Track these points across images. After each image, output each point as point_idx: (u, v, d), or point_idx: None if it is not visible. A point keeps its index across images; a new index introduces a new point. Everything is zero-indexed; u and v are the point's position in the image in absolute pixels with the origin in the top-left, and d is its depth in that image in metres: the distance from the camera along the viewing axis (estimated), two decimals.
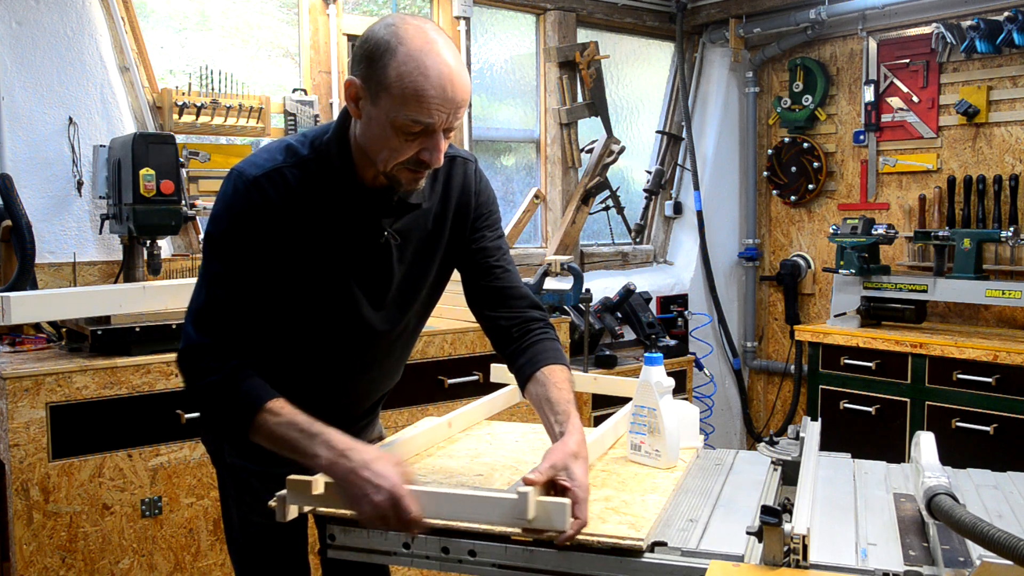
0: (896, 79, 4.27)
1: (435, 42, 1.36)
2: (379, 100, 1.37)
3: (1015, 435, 3.38)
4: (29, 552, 2.27)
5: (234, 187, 1.45)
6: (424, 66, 1.34)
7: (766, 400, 5.02)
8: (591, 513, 1.41)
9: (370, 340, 1.62)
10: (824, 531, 1.40)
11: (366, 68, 1.38)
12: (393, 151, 1.40)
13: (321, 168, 1.48)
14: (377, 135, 1.41)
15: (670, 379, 1.70)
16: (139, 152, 2.67)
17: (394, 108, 1.36)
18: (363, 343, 1.62)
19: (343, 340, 1.59)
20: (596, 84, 4.34)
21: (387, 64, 1.34)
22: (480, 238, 1.66)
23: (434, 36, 1.37)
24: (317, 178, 1.47)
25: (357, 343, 1.61)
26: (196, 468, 2.52)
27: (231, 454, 1.68)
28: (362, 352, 1.64)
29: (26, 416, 2.26)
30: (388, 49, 1.35)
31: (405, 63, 1.34)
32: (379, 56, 1.35)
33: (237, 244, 1.45)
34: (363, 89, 1.39)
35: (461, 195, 1.63)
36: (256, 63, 3.55)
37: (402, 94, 1.35)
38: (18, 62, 2.89)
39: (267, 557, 1.71)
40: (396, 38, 1.35)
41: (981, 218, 3.99)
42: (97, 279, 3.01)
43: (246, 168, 1.46)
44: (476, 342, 3.14)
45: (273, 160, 1.46)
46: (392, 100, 1.36)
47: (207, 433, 1.78)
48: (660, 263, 4.87)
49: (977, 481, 1.70)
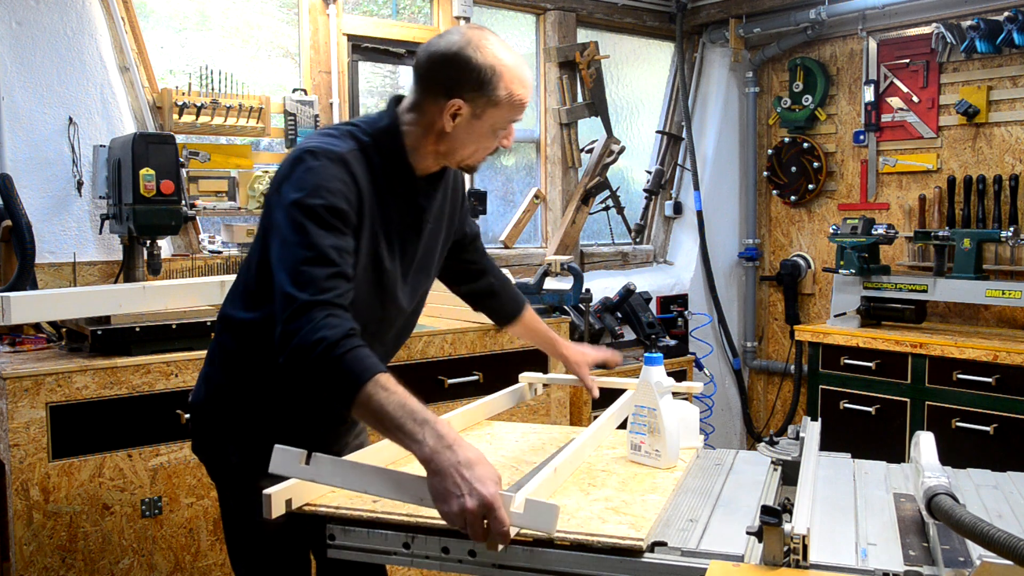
0: (896, 79, 4.27)
1: (517, 56, 1.62)
2: (485, 114, 1.60)
3: (1015, 435, 3.38)
4: (29, 552, 2.27)
5: (323, 161, 1.51)
6: (522, 80, 1.61)
7: (766, 400, 5.02)
8: (591, 513, 1.42)
9: (395, 315, 1.72)
10: (824, 531, 1.40)
11: (475, 92, 1.58)
12: (484, 149, 1.66)
13: (379, 153, 1.61)
14: (472, 140, 1.63)
15: (670, 379, 1.70)
16: (139, 152, 2.67)
17: (502, 118, 1.61)
18: (390, 318, 1.71)
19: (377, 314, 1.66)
20: (596, 84, 4.34)
21: (497, 85, 1.57)
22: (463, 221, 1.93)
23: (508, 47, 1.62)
24: (375, 162, 1.60)
25: (386, 318, 1.70)
26: (196, 468, 2.52)
27: (236, 454, 1.68)
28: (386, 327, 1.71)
29: (26, 416, 2.26)
30: (494, 73, 1.57)
31: (512, 82, 1.59)
32: (489, 79, 1.57)
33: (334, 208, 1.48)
34: (468, 110, 1.59)
35: (454, 182, 1.83)
36: (256, 63, 3.55)
37: (511, 105, 1.60)
38: (18, 62, 2.89)
39: (270, 558, 1.71)
40: (499, 63, 1.58)
41: (981, 218, 3.99)
42: (97, 279, 3.01)
43: (328, 148, 1.54)
44: (476, 342, 3.14)
45: (348, 144, 1.58)
46: (502, 111, 1.60)
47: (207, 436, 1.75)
48: (660, 263, 4.87)
49: (977, 481, 1.70)
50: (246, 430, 1.68)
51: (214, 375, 1.73)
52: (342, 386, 1.36)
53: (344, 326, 1.39)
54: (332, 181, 1.50)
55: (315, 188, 1.48)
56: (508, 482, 1.58)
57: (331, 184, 1.49)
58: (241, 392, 1.69)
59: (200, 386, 1.76)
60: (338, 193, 1.49)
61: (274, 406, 1.68)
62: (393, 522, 1.42)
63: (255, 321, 1.62)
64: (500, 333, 3.22)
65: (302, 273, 1.42)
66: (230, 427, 1.70)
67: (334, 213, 1.48)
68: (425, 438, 1.31)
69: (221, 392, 1.71)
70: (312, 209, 1.46)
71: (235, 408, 1.70)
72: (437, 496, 1.29)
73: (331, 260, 1.44)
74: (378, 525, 1.42)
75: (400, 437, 1.34)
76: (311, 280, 1.42)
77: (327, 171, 1.50)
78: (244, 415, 1.69)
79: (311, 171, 1.50)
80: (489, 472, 1.29)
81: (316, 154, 1.52)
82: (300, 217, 1.46)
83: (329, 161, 1.51)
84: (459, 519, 1.27)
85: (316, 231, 1.45)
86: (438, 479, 1.29)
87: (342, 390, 1.36)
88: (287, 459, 1.39)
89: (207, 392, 1.74)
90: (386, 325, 1.71)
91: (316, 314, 1.39)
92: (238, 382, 1.69)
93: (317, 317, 1.38)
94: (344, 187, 1.51)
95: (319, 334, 1.37)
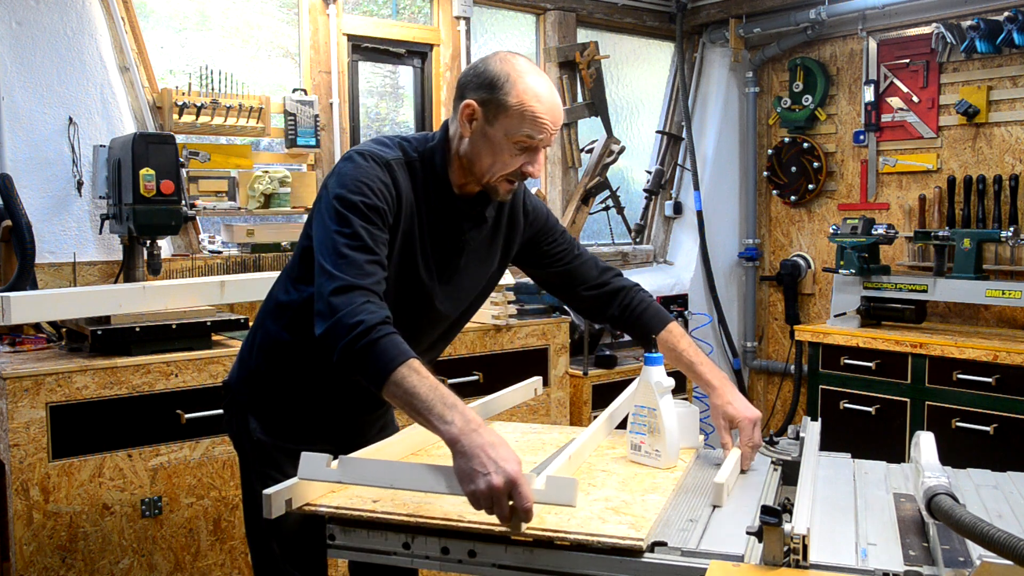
0: (896, 79, 4.27)
1: (541, 74, 1.66)
2: (497, 120, 1.63)
3: (1015, 435, 3.38)
4: (29, 552, 2.27)
5: (370, 163, 1.63)
6: (539, 94, 1.63)
7: (766, 400, 5.02)
8: (591, 513, 1.42)
9: (429, 324, 1.80)
10: (824, 531, 1.40)
11: (486, 93, 1.63)
12: (502, 164, 1.66)
13: (424, 170, 1.70)
14: (488, 150, 1.65)
15: (670, 379, 1.70)
16: (139, 152, 2.68)
17: (513, 127, 1.62)
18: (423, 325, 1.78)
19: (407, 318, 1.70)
20: (596, 84, 4.34)
21: (509, 91, 1.61)
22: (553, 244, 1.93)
23: (538, 69, 1.67)
24: (420, 178, 1.69)
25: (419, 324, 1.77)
26: (196, 468, 2.52)
27: (259, 431, 1.75)
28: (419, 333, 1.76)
29: (26, 416, 2.26)
30: (508, 79, 1.62)
31: (524, 91, 1.62)
32: (501, 85, 1.62)
33: (373, 206, 1.58)
34: (480, 112, 1.64)
35: (511, 212, 1.86)
36: (256, 63, 3.55)
37: (521, 115, 1.62)
38: (18, 62, 2.89)
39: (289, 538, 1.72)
40: (515, 72, 1.63)
41: (981, 218, 3.99)
42: (97, 279, 3.01)
43: (376, 152, 1.65)
44: (476, 342, 3.14)
45: (395, 154, 1.68)
46: (511, 120, 1.62)
47: (232, 411, 1.83)
48: (660, 263, 4.87)
49: (977, 481, 1.70)
50: (274, 408, 1.77)
51: (251, 355, 1.82)
52: (377, 366, 1.44)
53: (381, 313, 1.48)
54: (374, 181, 1.60)
55: (358, 185, 1.59)
56: None
57: (373, 184, 1.60)
58: (274, 372, 1.77)
59: (235, 366, 1.87)
60: (379, 193, 1.60)
61: (304, 388, 1.76)
62: (393, 522, 1.42)
63: (295, 303, 1.72)
64: (500, 332, 3.23)
65: (344, 256, 1.52)
66: (258, 404, 1.78)
67: (373, 210, 1.58)
68: (454, 420, 1.39)
69: (256, 370, 1.79)
70: (354, 203, 1.57)
71: (266, 386, 1.78)
72: (464, 477, 1.35)
73: (371, 248, 1.55)
74: (378, 525, 1.42)
75: (429, 419, 1.41)
76: (353, 263, 1.52)
77: (371, 172, 1.61)
78: (274, 393, 1.77)
79: (358, 169, 1.62)
80: (512, 454, 1.36)
81: (364, 156, 1.64)
82: (342, 209, 1.57)
83: (375, 164, 1.63)
84: (486, 497, 1.33)
85: (358, 222, 1.55)
86: (465, 460, 1.35)
87: (377, 370, 1.44)
88: (314, 464, 1.45)
89: (240, 370, 1.83)
90: (419, 331, 1.76)
91: (357, 297, 1.48)
92: (273, 362, 1.77)
93: (358, 301, 1.48)
94: (385, 189, 1.61)
95: (358, 317, 1.45)
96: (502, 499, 1.33)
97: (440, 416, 1.40)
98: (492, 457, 1.34)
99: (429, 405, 1.41)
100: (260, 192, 3.28)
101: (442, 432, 1.39)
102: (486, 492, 1.33)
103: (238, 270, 3.22)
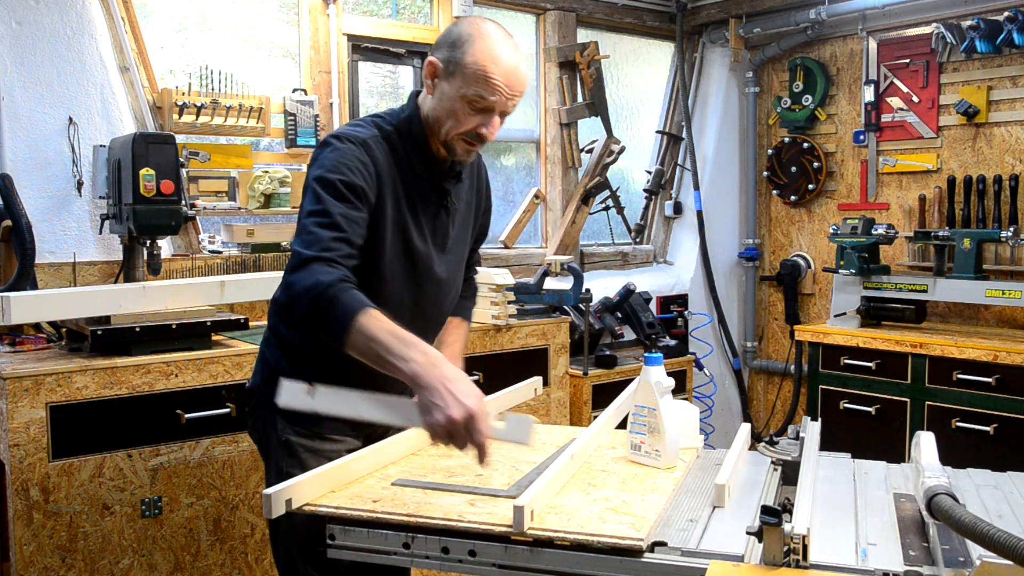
0: (896, 79, 4.27)
1: (506, 42, 1.70)
2: (454, 78, 1.68)
3: (1015, 435, 3.38)
4: (29, 552, 2.27)
5: (348, 146, 1.68)
6: (495, 55, 1.67)
7: (766, 400, 5.02)
8: (591, 513, 1.42)
9: (432, 289, 1.84)
10: (824, 531, 1.40)
11: (448, 51, 1.69)
12: (457, 122, 1.70)
13: (401, 139, 1.75)
14: (446, 107, 1.70)
15: (670, 379, 1.70)
16: (139, 152, 2.67)
17: (466, 84, 1.67)
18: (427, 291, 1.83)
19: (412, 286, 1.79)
20: (596, 84, 4.34)
21: (466, 50, 1.67)
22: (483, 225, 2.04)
23: (505, 37, 1.71)
24: (398, 148, 1.75)
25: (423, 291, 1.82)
26: (196, 468, 2.52)
27: (287, 431, 1.77)
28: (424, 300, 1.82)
29: (26, 416, 2.26)
30: (469, 39, 1.67)
31: (481, 51, 1.66)
32: (461, 43, 1.68)
33: (351, 184, 1.63)
34: (441, 68, 1.70)
35: (478, 181, 1.97)
36: (256, 63, 3.55)
37: (475, 74, 1.66)
38: (18, 62, 2.89)
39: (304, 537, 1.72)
40: (477, 33, 1.68)
41: (981, 218, 3.99)
42: (97, 279, 3.01)
43: (352, 133, 1.70)
44: (476, 342, 3.14)
45: (370, 132, 1.73)
46: (466, 78, 1.67)
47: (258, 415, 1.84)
48: (660, 263, 4.87)
49: (977, 481, 1.70)
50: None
51: (268, 357, 1.85)
52: (337, 320, 1.48)
53: (339, 273, 1.52)
54: (352, 160, 1.65)
55: (335, 165, 1.64)
56: (508, 482, 1.58)
57: (350, 163, 1.65)
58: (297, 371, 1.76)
59: (256, 370, 1.90)
60: (356, 171, 1.64)
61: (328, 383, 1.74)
62: (393, 522, 1.42)
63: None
64: (500, 332, 3.22)
65: (311, 233, 1.57)
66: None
67: (350, 188, 1.62)
68: (414, 357, 1.42)
69: (278, 371, 1.79)
70: (330, 183, 1.62)
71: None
72: (424, 409, 1.40)
73: (339, 226, 1.58)
74: (378, 525, 1.42)
75: (391, 359, 1.44)
76: (318, 239, 1.56)
77: (349, 152, 1.66)
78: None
79: (335, 151, 1.67)
80: (472, 388, 1.41)
81: (340, 138, 1.69)
82: (319, 189, 1.62)
83: (352, 144, 1.68)
84: (444, 429, 1.38)
85: (330, 200, 1.60)
86: (426, 393, 1.40)
87: (337, 324, 1.48)
88: (292, 392, 1.51)
89: (263, 372, 1.85)
90: (424, 298, 1.82)
91: (316, 266, 1.53)
92: (294, 361, 1.80)
93: (316, 268, 1.52)
94: (363, 167, 1.66)
95: (315, 278, 1.50)
96: (459, 432, 1.37)
97: (400, 355, 1.43)
98: (452, 391, 1.38)
99: (388, 346, 1.44)
100: (260, 192, 3.28)
101: (404, 371, 1.42)
102: (443, 424, 1.37)
103: (238, 270, 3.22)
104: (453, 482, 1.59)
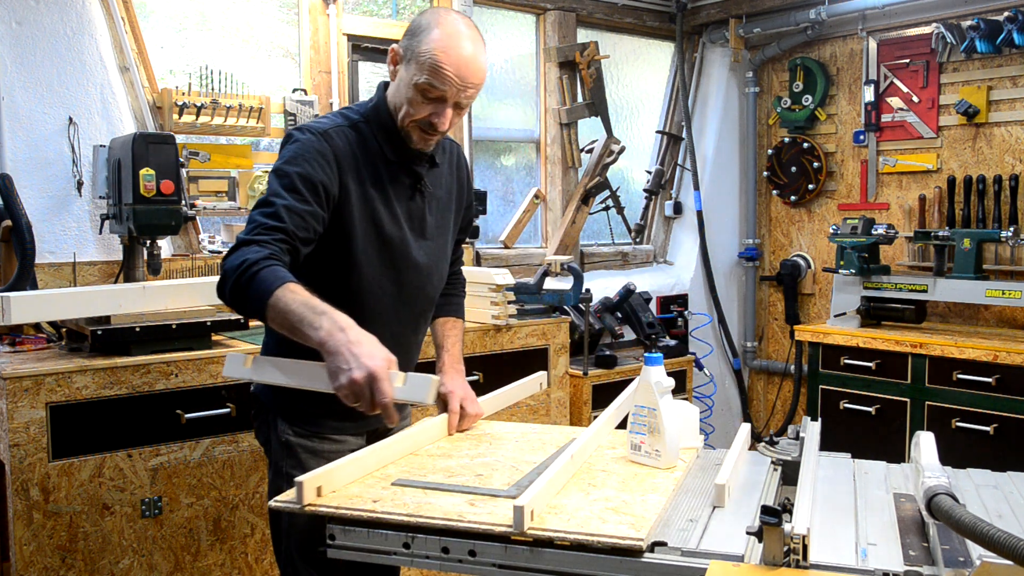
0: (896, 79, 4.27)
1: (462, 33, 1.71)
2: (409, 65, 1.71)
3: (1015, 435, 3.38)
4: (29, 552, 2.27)
5: (308, 137, 1.71)
6: (447, 46, 1.68)
7: (766, 400, 5.02)
8: (591, 513, 1.42)
9: (413, 277, 1.85)
10: (824, 531, 1.40)
11: (408, 40, 1.73)
12: (411, 108, 1.73)
13: (369, 127, 1.78)
14: (403, 94, 1.74)
15: (670, 379, 1.70)
16: (139, 152, 2.67)
17: (419, 73, 1.69)
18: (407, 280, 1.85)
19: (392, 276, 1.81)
20: (596, 84, 4.34)
21: (422, 39, 1.69)
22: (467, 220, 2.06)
23: (464, 29, 1.71)
24: (367, 135, 1.78)
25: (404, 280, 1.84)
26: (196, 468, 2.52)
27: (288, 432, 1.80)
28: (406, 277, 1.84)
29: (26, 416, 2.26)
30: (427, 28, 1.70)
31: (435, 40, 1.68)
32: (419, 32, 1.71)
33: (306, 176, 1.65)
34: (400, 56, 1.74)
35: (459, 171, 1.99)
36: (256, 63, 3.55)
37: (426, 63, 1.68)
38: (18, 62, 2.89)
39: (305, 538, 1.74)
40: (436, 22, 1.70)
41: (981, 218, 3.99)
42: (97, 279, 3.01)
43: (314, 125, 1.74)
44: (476, 342, 3.14)
45: (334, 122, 1.77)
46: (419, 66, 1.69)
47: (262, 418, 1.86)
48: (660, 263, 4.87)
49: (977, 481, 1.70)
50: (299, 407, 1.80)
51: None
52: (256, 295, 1.50)
53: (265, 252, 1.54)
54: (309, 152, 1.68)
55: (293, 157, 1.68)
56: (508, 482, 1.58)
57: (308, 154, 1.67)
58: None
59: None
60: (314, 163, 1.67)
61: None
62: (393, 522, 1.42)
63: None
64: (500, 332, 3.22)
65: (252, 221, 1.61)
66: (284, 406, 1.82)
67: (304, 180, 1.64)
68: (322, 324, 1.46)
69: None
70: (284, 174, 1.65)
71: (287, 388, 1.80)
72: (331, 373, 1.45)
73: (279, 216, 1.60)
74: (378, 525, 1.42)
75: (302, 329, 1.47)
76: (256, 226, 1.59)
77: (307, 144, 1.69)
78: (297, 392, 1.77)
79: (295, 143, 1.70)
80: (378, 351, 1.44)
81: (302, 130, 1.73)
82: (274, 180, 1.66)
83: (311, 135, 1.71)
84: (349, 391, 1.42)
85: (280, 192, 1.63)
86: (332, 358, 1.44)
87: (256, 299, 1.50)
88: (234, 363, 1.61)
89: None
90: (405, 284, 1.84)
91: (244, 248, 1.56)
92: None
93: (245, 249, 1.56)
94: (320, 156, 1.68)
95: (243, 257, 1.53)
96: (364, 392, 1.41)
97: (310, 323, 1.46)
98: (355, 353, 1.42)
99: (300, 316, 1.47)
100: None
101: (312, 338, 1.46)
102: (347, 386, 1.41)
103: None
104: (453, 482, 1.59)
